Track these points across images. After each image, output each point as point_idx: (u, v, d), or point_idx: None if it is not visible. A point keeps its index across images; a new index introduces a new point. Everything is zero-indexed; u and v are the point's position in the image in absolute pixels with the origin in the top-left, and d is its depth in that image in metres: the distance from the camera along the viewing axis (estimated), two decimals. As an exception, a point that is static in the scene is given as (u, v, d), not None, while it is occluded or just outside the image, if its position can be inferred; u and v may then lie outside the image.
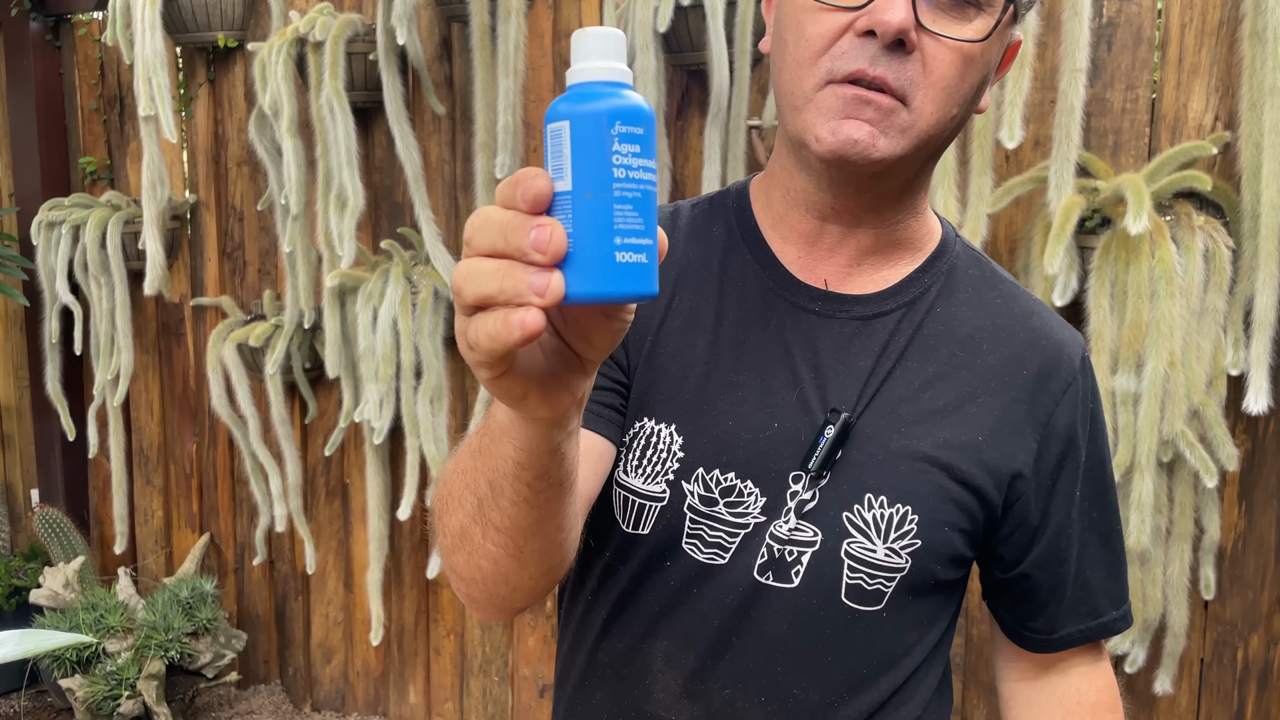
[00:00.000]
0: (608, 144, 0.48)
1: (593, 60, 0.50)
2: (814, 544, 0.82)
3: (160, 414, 3.15)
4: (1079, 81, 1.77)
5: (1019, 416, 0.84)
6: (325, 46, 2.37)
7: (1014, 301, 0.89)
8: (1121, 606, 0.92)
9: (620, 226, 0.48)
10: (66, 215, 2.87)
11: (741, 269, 0.87)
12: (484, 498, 0.66)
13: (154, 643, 2.64)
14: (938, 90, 0.75)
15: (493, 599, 0.74)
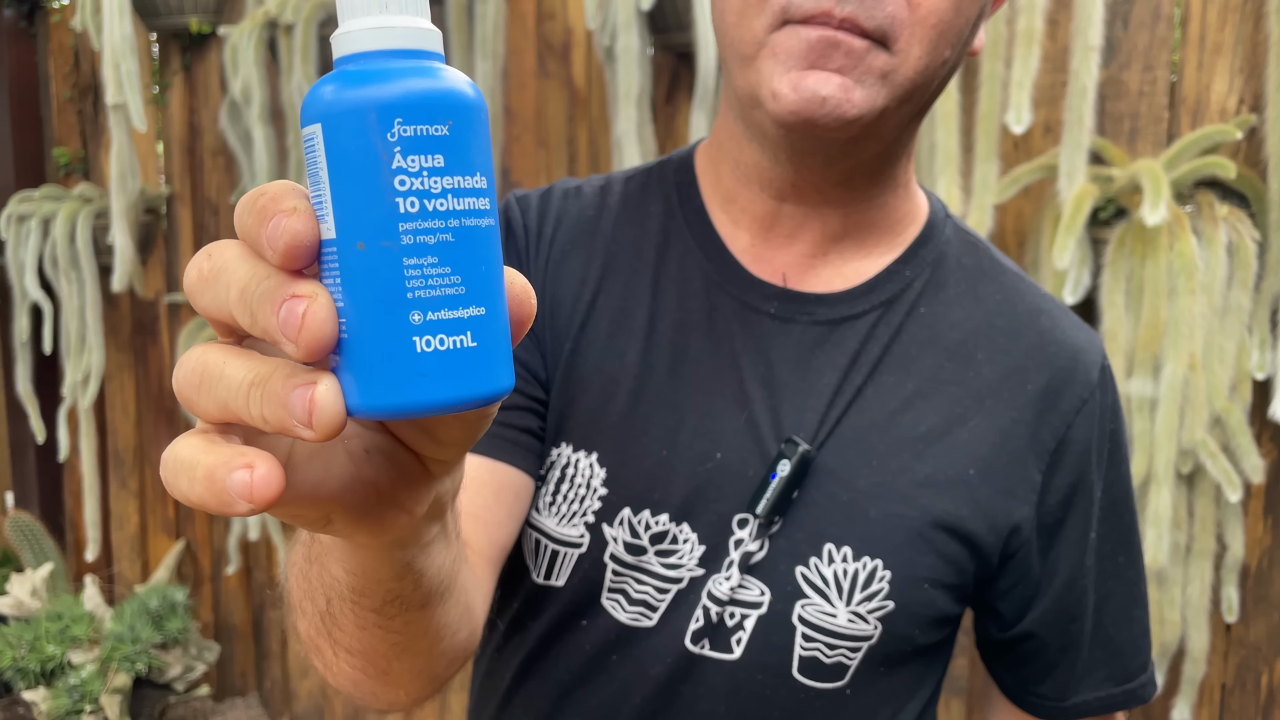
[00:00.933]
0: (384, 157, 0.30)
1: (366, 17, 0.31)
2: (760, 606, 0.67)
3: (136, 415, 3.04)
4: (1092, 61, 1.63)
5: (1021, 442, 0.69)
6: (296, 30, 2.25)
7: (1018, 298, 0.73)
8: (1149, 669, 0.76)
9: (418, 294, 0.30)
10: (36, 208, 2.76)
11: (683, 259, 0.72)
12: (324, 614, 0.50)
13: (120, 655, 2.52)
14: (927, 28, 0.60)
15: (367, 704, 0.59)
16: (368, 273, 0.30)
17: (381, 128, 0.30)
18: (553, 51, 2.26)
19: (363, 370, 0.31)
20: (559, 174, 2.29)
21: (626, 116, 1.91)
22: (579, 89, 2.24)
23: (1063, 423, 0.70)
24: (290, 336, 0.30)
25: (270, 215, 0.31)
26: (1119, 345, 1.63)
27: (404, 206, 0.30)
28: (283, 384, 0.31)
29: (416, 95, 0.31)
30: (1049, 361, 0.71)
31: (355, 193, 0.30)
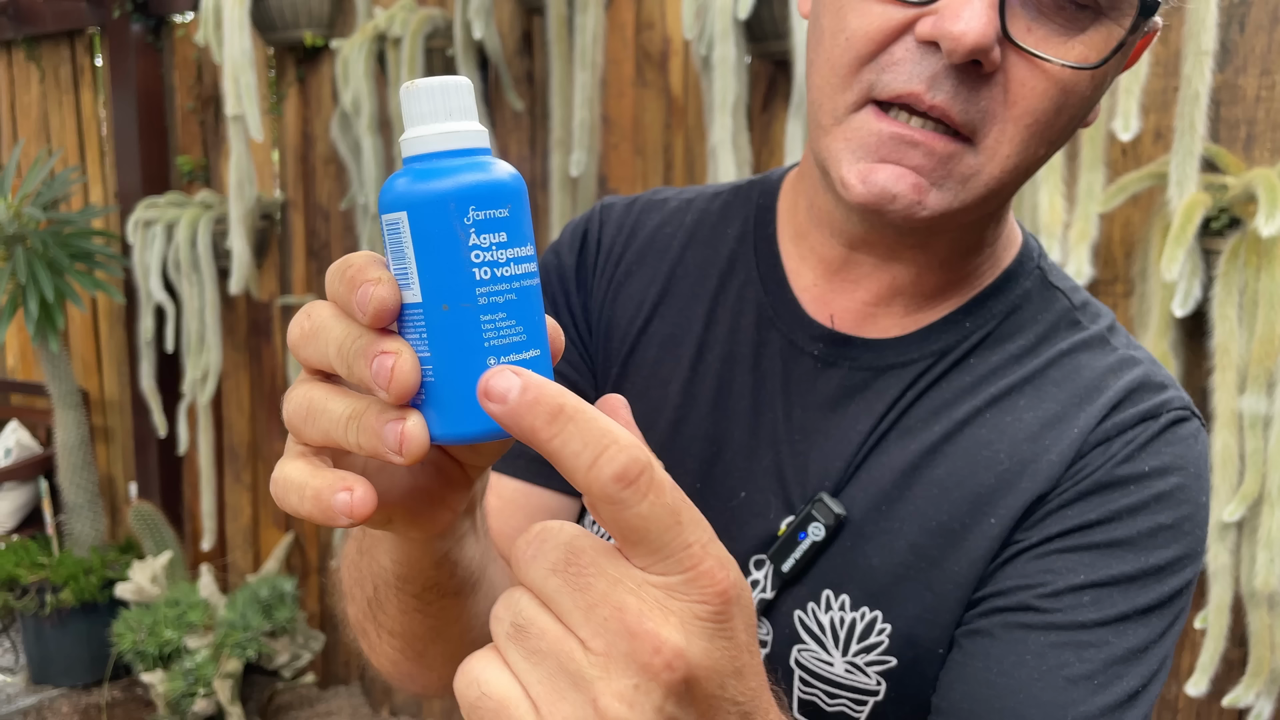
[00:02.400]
0: (463, 238, 0.37)
1: (430, 123, 0.38)
2: (765, 645, 0.65)
3: (250, 412, 3.18)
4: (1205, 66, 1.57)
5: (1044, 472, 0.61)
6: (404, 43, 2.33)
7: (1087, 354, 0.64)
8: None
9: (493, 343, 0.37)
10: (161, 214, 2.91)
11: (742, 289, 0.69)
12: (371, 600, 0.55)
13: (232, 641, 2.64)
14: (1021, 127, 0.55)
15: (406, 690, 0.63)
16: (452, 329, 0.37)
17: (459, 214, 0.37)
18: (650, 61, 2.28)
19: (446, 406, 0.37)
20: (655, 182, 2.31)
21: (722, 125, 1.92)
22: (676, 97, 2.26)
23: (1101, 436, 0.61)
24: (382, 385, 0.36)
25: (359, 284, 0.37)
26: (1230, 360, 1.57)
27: (479, 275, 0.37)
28: (376, 419, 0.37)
29: (484, 186, 0.37)
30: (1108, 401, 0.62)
31: (439, 266, 0.37)
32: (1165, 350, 1.66)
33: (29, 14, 3.43)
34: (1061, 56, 0.55)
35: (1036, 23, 0.55)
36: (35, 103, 3.60)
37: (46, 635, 3.11)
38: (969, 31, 0.52)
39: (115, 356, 3.53)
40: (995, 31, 0.53)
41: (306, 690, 3.04)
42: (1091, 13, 0.55)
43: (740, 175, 1.98)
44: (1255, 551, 1.58)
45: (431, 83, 0.38)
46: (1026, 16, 0.54)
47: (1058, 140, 0.59)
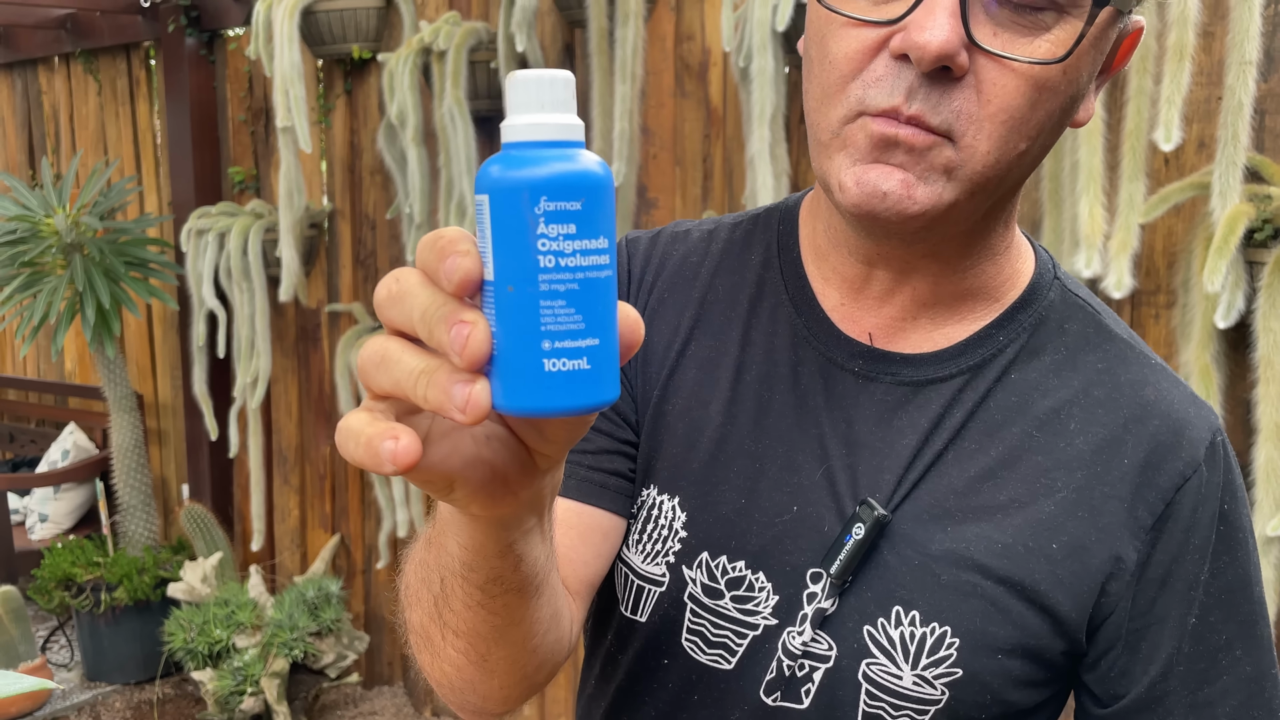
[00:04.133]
0: (531, 226, 0.39)
1: (528, 113, 0.40)
2: (828, 660, 0.68)
3: (298, 416, 3.24)
4: (1249, 75, 1.56)
5: (1114, 518, 0.65)
6: (448, 56, 2.37)
7: (1122, 367, 0.69)
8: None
9: (549, 328, 0.40)
10: (213, 223, 2.99)
11: (774, 311, 0.72)
12: (438, 596, 0.57)
13: (279, 641, 2.70)
14: (996, 124, 0.58)
15: (464, 704, 0.65)
16: (514, 309, 0.40)
17: (531, 204, 0.40)
18: (690, 72, 2.30)
19: (505, 379, 0.40)
20: (693, 191, 2.33)
21: (760, 137, 1.94)
22: (715, 108, 2.28)
23: (1161, 499, 0.66)
24: (457, 351, 0.39)
25: (448, 254, 0.40)
26: (1275, 373, 1.56)
27: (543, 262, 0.40)
28: (447, 378, 0.39)
29: (558, 178, 0.40)
30: (1150, 435, 0.67)
31: (510, 250, 0.40)
32: (1208, 362, 1.64)
33: (86, 28, 3.54)
34: (1027, 55, 0.58)
35: (1001, 26, 0.58)
36: (93, 114, 3.70)
37: (101, 633, 3.20)
38: (932, 40, 0.56)
39: (169, 361, 3.62)
40: (959, 38, 0.57)
41: (350, 690, 3.09)
42: (1053, 12, 0.58)
43: (778, 185, 1.99)
44: (1300, 567, 1.56)
45: (531, 74, 0.41)
46: (991, 22, 0.58)
47: (1039, 135, 0.61)
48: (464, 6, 2.64)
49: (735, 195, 2.25)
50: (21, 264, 3.00)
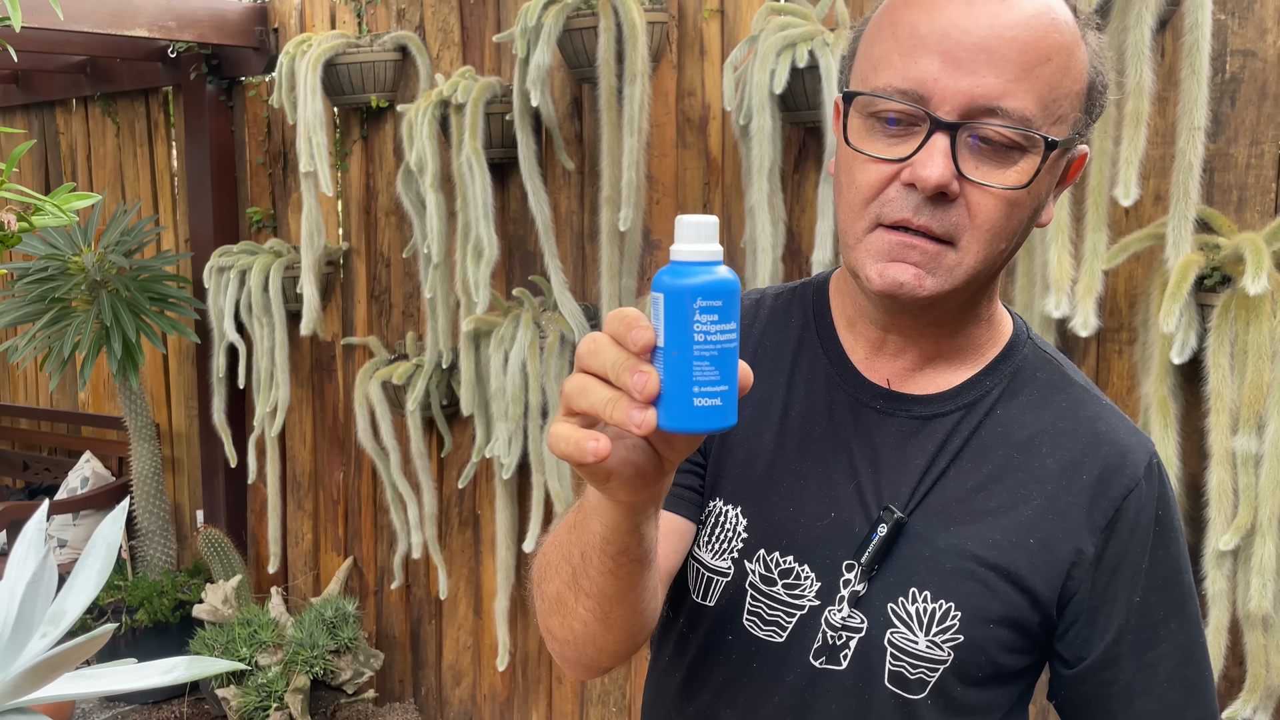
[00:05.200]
0: (691, 315, 0.61)
1: (689, 243, 0.62)
2: (860, 631, 0.87)
3: (312, 444, 3.39)
4: (1197, 140, 1.76)
5: (1076, 520, 0.85)
6: (466, 109, 2.55)
7: (1080, 406, 0.89)
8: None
9: (698, 379, 0.61)
10: (234, 261, 3.14)
11: (812, 362, 0.92)
12: (577, 567, 0.76)
13: (301, 659, 2.84)
14: (982, 232, 0.79)
15: (582, 658, 0.83)
16: (677, 366, 0.61)
17: (692, 301, 0.61)
18: (691, 125, 2.48)
19: (667, 408, 0.61)
20: (696, 234, 2.51)
21: (759, 189, 2.12)
22: (714, 158, 2.46)
23: (1112, 506, 0.85)
24: (639, 389, 0.60)
25: (633, 326, 0.61)
26: (1224, 404, 1.74)
27: (697, 338, 0.61)
28: (629, 405, 0.61)
29: (711, 285, 0.61)
30: (1102, 457, 0.86)
31: (676, 329, 0.61)
32: (1165, 394, 1.83)
33: (106, 73, 3.69)
34: (1000, 182, 0.78)
35: (981, 161, 0.78)
36: (110, 154, 3.85)
37: (121, 654, 3.32)
38: (931, 175, 0.76)
39: (184, 392, 3.76)
40: (951, 172, 0.77)
41: (365, 706, 3.23)
42: (1018, 150, 0.78)
43: (775, 231, 2.18)
44: (1249, 577, 1.74)
45: (694, 218, 0.63)
46: (974, 158, 0.78)
47: (1014, 238, 0.82)
48: (477, 61, 2.82)
49: (734, 239, 2.43)
50: (51, 300, 3.15)
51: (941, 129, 0.77)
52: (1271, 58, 1.85)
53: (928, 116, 0.77)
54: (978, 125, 0.77)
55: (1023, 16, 0.77)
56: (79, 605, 0.73)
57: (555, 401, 2.55)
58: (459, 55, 2.87)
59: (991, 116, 0.77)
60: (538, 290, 2.71)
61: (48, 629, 0.74)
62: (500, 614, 2.83)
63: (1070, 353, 2.06)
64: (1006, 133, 0.77)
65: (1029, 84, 0.77)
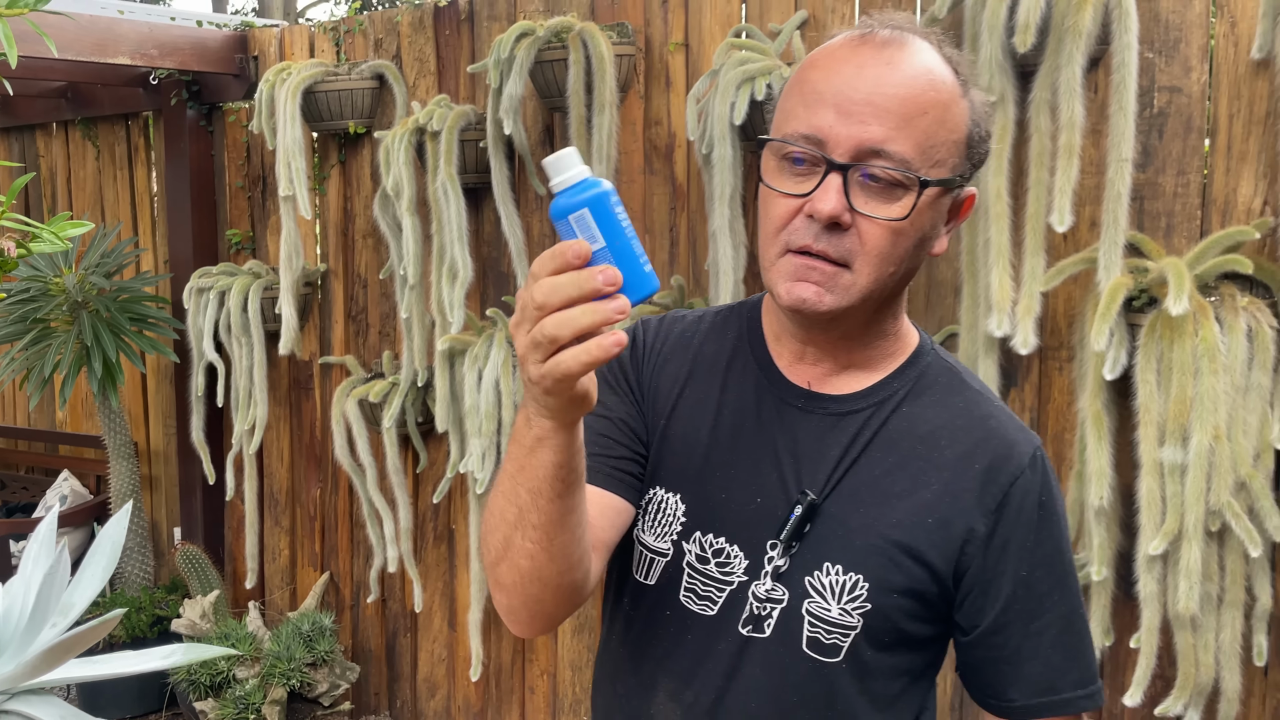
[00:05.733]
0: (612, 210, 0.76)
1: (572, 170, 0.77)
2: (782, 601, 0.99)
3: (290, 461, 3.46)
4: (1125, 170, 1.88)
5: (969, 503, 0.98)
6: (441, 136, 2.65)
7: (975, 406, 1.03)
8: (1088, 687, 1.00)
9: (637, 252, 0.76)
10: (214, 282, 3.22)
11: (744, 368, 1.06)
12: (524, 505, 0.86)
13: (278, 671, 2.90)
14: (872, 257, 0.93)
15: (528, 601, 0.92)
16: (622, 251, 0.75)
17: (609, 200, 0.75)
18: (658, 152, 2.60)
19: (629, 288, 0.75)
20: (661, 257, 2.62)
21: (721, 214, 2.23)
22: (680, 184, 2.57)
23: (1000, 491, 0.99)
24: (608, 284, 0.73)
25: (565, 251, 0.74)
26: (1152, 417, 1.86)
27: (623, 224, 0.75)
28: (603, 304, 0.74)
29: (609, 189, 0.76)
30: (991, 450, 1.00)
31: (610, 226, 0.75)
32: (1099, 409, 1.94)
33: (87, 98, 3.77)
34: (885, 215, 0.92)
35: (870, 196, 0.92)
36: (90, 178, 3.92)
37: (99, 669, 3.36)
38: (825, 208, 0.91)
39: (162, 411, 3.82)
40: (844, 206, 0.91)
41: (340, 718, 3.29)
42: (901, 188, 0.92)
43: (737, 254, 2.29)
44: (1178, 580, 1.85)
45: (566, 151, 0.76)
46: (864, 194, 0.92)
47: (901, 263, 0.95)
48: (452, 89, 2.93)
49: (699, 261, 2.54)
50: (33, 320, 3.21)
51: (835, 169, 0.91)
52: (1196, 93, 1.99)
53: (824, 159, 0.91)
54: (865, 165, 0.91)
55: (903, 77, 0.91)
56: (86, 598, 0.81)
57: (527, 418, 2.64)
58: (435, 83, 2.97)
59: (877, 158, 0.91)
60: (511, 310, 2.81)
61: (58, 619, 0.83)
62: (474, 626, 2.90)
63: (1014, 370, 2.18)
64: (890, 172, 0.91)
65: (908, 132, 0.91)
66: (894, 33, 0.94)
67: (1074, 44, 1.86)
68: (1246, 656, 1.93)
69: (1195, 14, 1.97)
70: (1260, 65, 1.91)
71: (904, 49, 0.93)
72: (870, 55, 0.93)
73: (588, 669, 2.88)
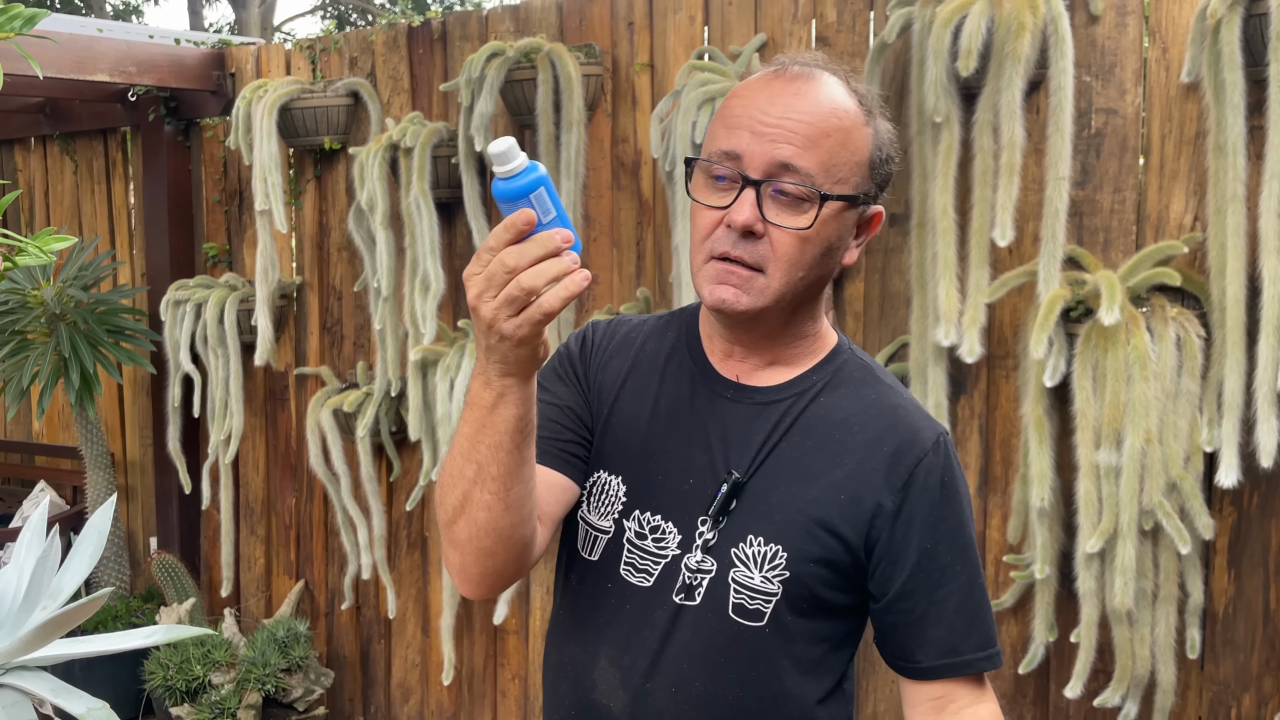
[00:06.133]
0: (553, 188, 0.91)
1: (518, 158, 0.90)
2: (711, 571, 1.09)
3: (265, 471, 3.51)
4: (1063, 188, 1.99)
5: (878, 481, 1.09)
6: (414, 152, 2.73)
7: (885, 397, 1.15)
8: (987, 649, 1.10)
9: (570, 220, 0.92)
10: (191, 294, 3.28)
11: (680, 364, 1.17)
12: (484, 460, 0.97)
13: (253, 677, 2.95)
14: (782, 262, 1.05)
15: (480, 556, 1.02)
16: (566, 217, 0.90)
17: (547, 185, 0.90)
18: (625, 169, 2.69)
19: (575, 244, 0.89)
20: (629, 270, 2.71)
21: (683, 229, 2.32)
22: (646, 200, 2.66)
23: (906, 472, 1.09)
24: (565, 241, 0.87)
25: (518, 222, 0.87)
26: (1088, 422, 1.96)
27: (561, 200, 0.89)
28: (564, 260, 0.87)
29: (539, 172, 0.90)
30: (899, 435, 1.11)
31: (555, 201, 0.89)
32: (1041, 414, 2.04)
33: (65, 114, 3.82)
34: (792, 224, 1.04)
35: (780, 209, 1.04)
36: (68, 191, 3.97)
37: (76, 677, 3.38)
38: (739, 218, 1.03)
39: (138, 421, 3.87)
40: (756, 217, 1.03)
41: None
42: (807, 201, 1.04)
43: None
44: (1114, 577, 1.95)
45: (507, 139, 0.89)
46: (775, 206, 1.04)
47: (810, 269, 1.06)
48: (425, 106, 3.01)
49: (664, 274, 2.63)
50: (11, 332, 3.26)
51: (750, 184, 1.03)
52: (1130, 115, 2.10)
53: (741, 176, 1.04)
54: (776, 181, 1.03)
55: (810, 105, 1.05)
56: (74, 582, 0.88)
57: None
58: (408, 101, 3.05)
59: (786, 174, 1.03)
60: (482, 322, 2.88)
61: (47, 602, 0.90)
62: (446, 631, 2.97)
63: (964, 378, 2.27)
64: (797, 187, 1.03)
65: (813, 152, 1.03)
66: (804, 69, 1.07)
67: (1014, 69, 1.97)
68: (1181, 650, 2.03)
69: (1129, 40, 2.08)
70: (1189, 88, 2.03)
71: (811, 82, 1.06)
72: (782, 87, 1.06)
73: (558, 672, 2.95)
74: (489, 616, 3.03)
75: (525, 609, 2.98)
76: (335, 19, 15.31)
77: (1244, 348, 1.86)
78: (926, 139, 2.11)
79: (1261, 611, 2.05)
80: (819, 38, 2.41)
